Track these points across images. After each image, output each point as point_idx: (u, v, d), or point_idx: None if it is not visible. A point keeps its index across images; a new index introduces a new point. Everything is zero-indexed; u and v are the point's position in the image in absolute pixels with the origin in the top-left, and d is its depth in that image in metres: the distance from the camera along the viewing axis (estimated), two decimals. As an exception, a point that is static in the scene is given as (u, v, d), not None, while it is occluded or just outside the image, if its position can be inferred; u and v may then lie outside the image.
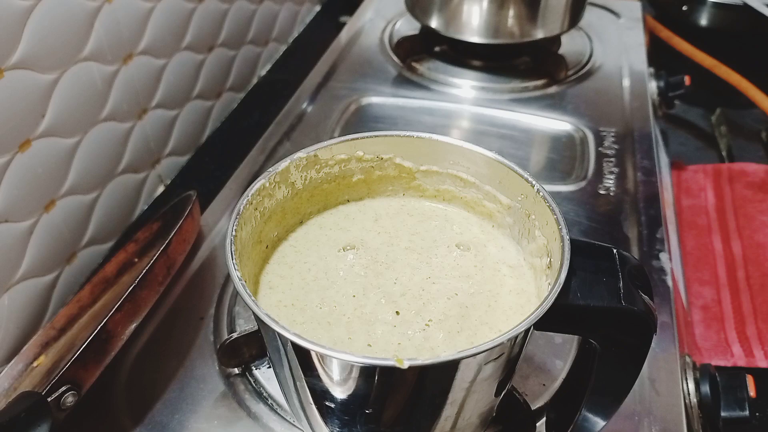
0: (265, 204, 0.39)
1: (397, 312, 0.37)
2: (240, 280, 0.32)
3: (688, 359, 0.50)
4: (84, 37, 0.55)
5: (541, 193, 0.37)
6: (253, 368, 0.47)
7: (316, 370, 0.32)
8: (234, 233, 0.35)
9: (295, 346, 0.30)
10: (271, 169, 0.39)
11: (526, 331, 0.31)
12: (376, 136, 0.42)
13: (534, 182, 0.38)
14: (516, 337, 0.30)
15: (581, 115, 0.73)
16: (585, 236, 0.58)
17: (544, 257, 0.37)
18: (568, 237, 0.34)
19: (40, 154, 0.52)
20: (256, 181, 0.38)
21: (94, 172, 0.59)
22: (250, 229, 0.38)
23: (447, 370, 0.31)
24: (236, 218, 0.36)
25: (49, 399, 0.38)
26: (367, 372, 0.30)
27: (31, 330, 0.53)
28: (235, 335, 0.45)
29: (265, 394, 0.45)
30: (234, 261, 0.33)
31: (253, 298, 0.31)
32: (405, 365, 0.28)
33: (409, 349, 0.35)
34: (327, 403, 0.34)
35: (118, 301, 0.41)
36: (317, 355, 0.30)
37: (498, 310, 0.37)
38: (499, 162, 0.40)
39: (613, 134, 0.71)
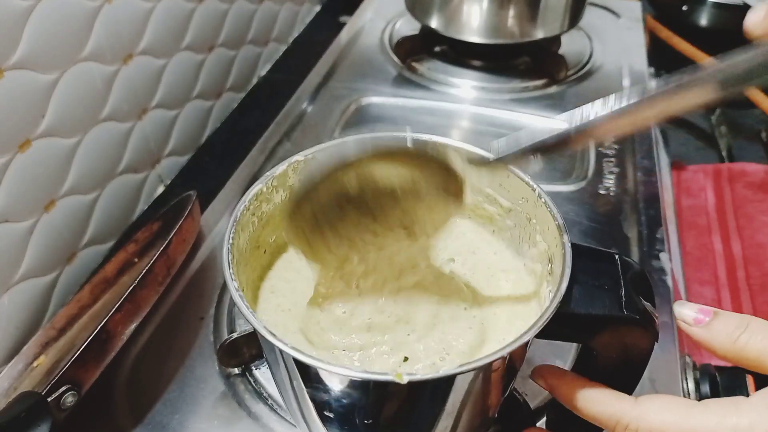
0: (263, 209, 0.39)
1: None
2: (237, 290, 0.31)
3: (688, 359, 0.50)
4: (84, 37, 0.55)
5: (542, 198, 0.36)
6: (253, 368, 0.47)
7: (314, 382, 0.31)
8: (231, 241, 0.34)
9: (295, 360, 0.29)
10: (268, 173, 0.38)
11: (527, 342, 0.30)
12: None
13: (535, 186, 0.37)
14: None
15: (581, 115, 0.73)
16: (585, 236, 0.58)
17: (545, 263, 0.36)
18: (570, 245, 0.33)
19: (40, 154, 0.52)
20: (253, 185, 0.38)
21: (94, 172, 0.59)
22: (248, 234, 0.37)
23: (446, 384, 0.30)
24: (233, 225, 0.35)
25: (49, 399, 0.38)
26: (367, 386, 0.30)
27: (31, 330, 0.53)
28: (235, 335, 0.45)
29: (265, 394, 0.45)
30: (231, 271, 0.32)
31: (250, 309, 0.30)
32: (404, 380, 0.27)
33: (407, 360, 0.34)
34: (326, 413, 0.34)
35: (118, 301, 0.41)
36: (315, 369, 0.30)
37: (498, 318, 0.37)
38: (499, 163, 0.39)
39: (613, 134, 0.70)
